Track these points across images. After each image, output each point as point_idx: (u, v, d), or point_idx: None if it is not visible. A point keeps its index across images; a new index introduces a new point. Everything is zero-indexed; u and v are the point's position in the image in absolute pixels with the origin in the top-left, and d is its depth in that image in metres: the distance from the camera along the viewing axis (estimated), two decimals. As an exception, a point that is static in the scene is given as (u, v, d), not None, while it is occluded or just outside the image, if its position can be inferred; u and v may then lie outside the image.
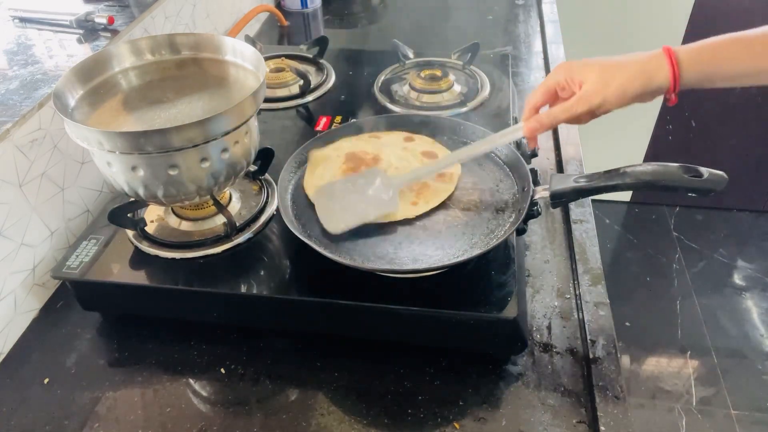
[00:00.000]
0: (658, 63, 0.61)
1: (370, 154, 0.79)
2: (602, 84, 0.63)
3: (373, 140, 0.83)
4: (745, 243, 2.30)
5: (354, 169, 0.76)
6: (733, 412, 1.72)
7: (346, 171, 0.76)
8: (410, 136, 0.84)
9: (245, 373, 0.69)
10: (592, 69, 0.64)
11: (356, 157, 0.78)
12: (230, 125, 0.65)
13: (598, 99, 0.63)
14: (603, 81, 0.63)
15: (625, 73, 0.62)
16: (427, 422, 0.63)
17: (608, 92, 0.62)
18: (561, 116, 0.66)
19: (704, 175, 0.60)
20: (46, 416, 0.66)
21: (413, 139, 0.84)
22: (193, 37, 0.78)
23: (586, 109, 0.64)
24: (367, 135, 0.84)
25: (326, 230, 0.69)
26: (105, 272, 0.71)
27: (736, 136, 2.21)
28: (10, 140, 0.72)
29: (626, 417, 0.61)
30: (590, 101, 0.63)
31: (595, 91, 0.63)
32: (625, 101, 0.63)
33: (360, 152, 0.79)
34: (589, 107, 0.64)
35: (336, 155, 0.80)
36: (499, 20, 1.49)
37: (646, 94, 0.63)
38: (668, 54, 0.61)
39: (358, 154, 0.79)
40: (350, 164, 0.77)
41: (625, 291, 2.10)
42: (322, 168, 0.78)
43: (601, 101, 0.63)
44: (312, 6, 1.57)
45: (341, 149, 0.81)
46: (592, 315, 0.71)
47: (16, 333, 0.75)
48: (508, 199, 0.74)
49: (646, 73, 0.62)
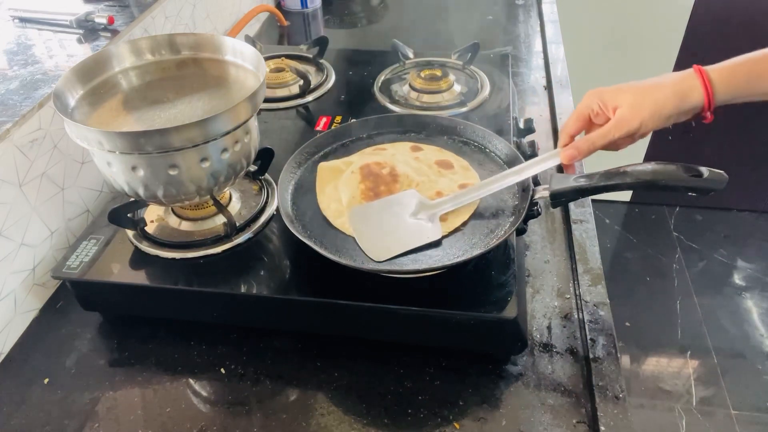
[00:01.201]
0: (690, 83, 0.62)
1: (386, 167, 0.76)
2: (637, 107, 0.63)
3: (380, 152, 0.81)
4: (745, 243, 2.30)
5: (374, 189, 0.73)
6: (733, 412, 1.72)
7: (366, 191, 0.73)
8: (417, 146, 0.82)
9: (245, 373, 0.69)
10: (625, 93, 0.64)
11: (372, 172, 0.75)
12: (230, 125, 0.65)
13: (635, 123, 0.63)
14: (637, 104, 0.63)
15: (658, 94, 0.63)
16: (427, 422, 0.63)
17: (644, 115, 0.63)
18: (599, 142, 0.66)
19: (704, 174, 0.60)
20: (46, 416, 0.65)
21: (421, 148, 0.82)
22: (193, 37, 0.78)
23: (623, 134, 0.64)
24: (370, 148, 0.82)
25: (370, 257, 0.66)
26: (105, 272, 0.71)
27: (736, 136, 2.21)
28: (10, 140, 0.72)
29: (626, 417, 0.61)
30: (628, 126, 0.63)
31: (631, 115, 0.63)
32: (662, 122, 0.64)
33: (374, 165, 0.76)
34: (627, 131, 0.64)
35: (348, 169, 0.77)
36: (499, 20, 1.49)
37: (681, 114, 0.64)
38: (700, 74, 0.62)
39: (373, 169, 0.76)
40: (369, 183, 0.74)
41: (625, 291, 2.10)
42: (334, 186, 0.75)
43: (639, 124, 0.63)
44: (312, 6, 1.57)
45: (352, 162, 0.78)
46: (592, 315, 0.71)
47: (16, 333, 0.75)
48: (508, 199, 0.74)
49: (679, 94, 0.62)
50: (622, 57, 2.05)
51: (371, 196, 0.73)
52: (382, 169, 0.76)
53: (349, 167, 0.77)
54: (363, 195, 0.73)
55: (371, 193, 0.73)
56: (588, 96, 0.67)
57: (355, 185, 0.74)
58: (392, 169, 0.76)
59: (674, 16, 1.96)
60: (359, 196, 0.73)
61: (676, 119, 0.64)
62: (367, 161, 0.77)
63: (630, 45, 2.04)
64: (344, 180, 0.76)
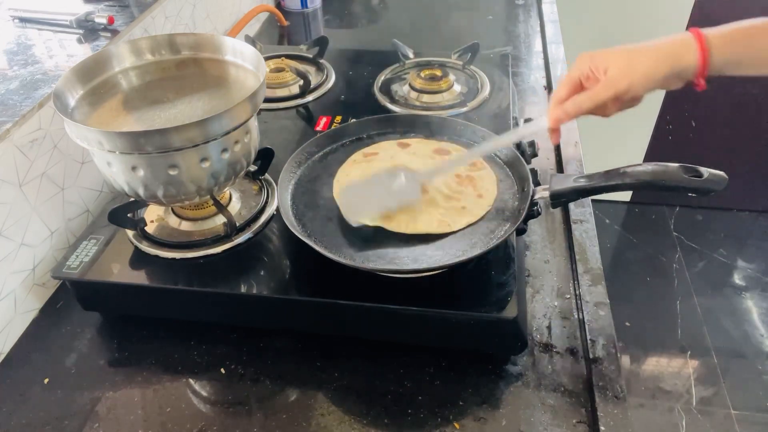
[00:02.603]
0: (686, 44, 0.60)
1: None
2: (628, 68, 0.61)
3: (372, 157, 0.81)
4: (745, 243, 2.30)
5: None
6: (733, 412, 1.72)
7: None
8: (404, 142, 0.83)
9: (245, 373, 0.69)
10: (617, 54, 0.62)
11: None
12: (230, 125, 0.65)
13: (624, 83, 0.60)
14: (629, 65, 0.61)
15: (651, 55, 0.61)
16: (427, 422, 0.63)
17: (635, 76, 0.60)
18: (586, 103, 0.63)
19: (704, 175, 0.60)
20: (46, 416, 0.65)
21: (409, 144, 0.83)
22: (193, 37, 0.78)
23: (611, 94, 0.61)
24: (360, 154, 0.82)
25: (348, 221, 0.69)
26: (105, 272, 0.71)
27: (736, 136, 2.21)
28: (10, 140, 0.72)
29: (626, 417, 0.61)
30: (616, 86, 0.61)
31: (621, 75, 0.61)
32: (652, 84, 0.61)
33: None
34: (615, 92, 0.61)
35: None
36: (499, 20, 1.49)
37: (673, 77, 0.61)
38: (697, 35, 0.60)
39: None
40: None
41: (625, 291, 2.10)
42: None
43: (628, 85, 0.61)
44: (312, 6, 1.57)
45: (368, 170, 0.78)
46: (592, 315, 0.71)
47: (16, 333, 0.75)
48: (508, 199, 0.74)
49: (673, 55, 0.60)
50: (622, 57, 2.05)
51: None
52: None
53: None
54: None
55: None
56: (579, 59, 0.64)
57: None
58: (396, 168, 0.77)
59: (674, 16, 1.96)
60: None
61: (668, 83, 0.62)
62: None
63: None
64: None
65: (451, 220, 0.70)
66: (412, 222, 0.69)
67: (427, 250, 0.67)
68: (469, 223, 0.70)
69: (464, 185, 0.75)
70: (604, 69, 0.62)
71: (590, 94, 0.63)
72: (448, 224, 0.69)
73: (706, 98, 2.12)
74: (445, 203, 0.72)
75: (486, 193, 0.74)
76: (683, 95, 2.22)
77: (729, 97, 2.11)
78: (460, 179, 0.76)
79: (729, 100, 2.11)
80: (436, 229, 0.69)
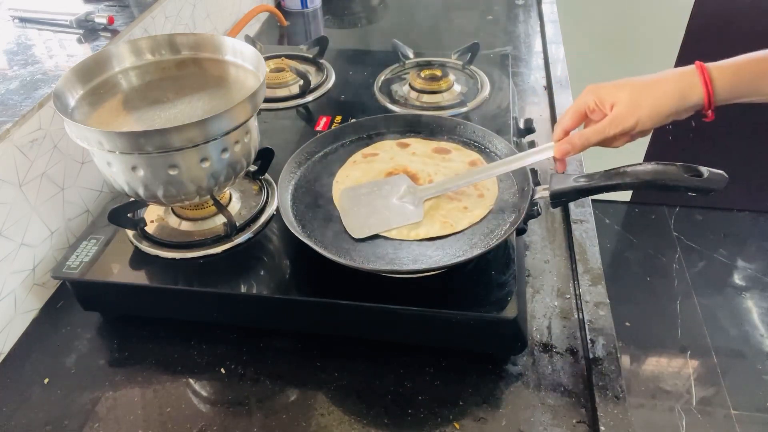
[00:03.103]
0: (691, 81, 0.60)
1: (393, 168, 0.78)
2: (634, 105, 0.61)
3: (372, 158, 0.81)
4: (745, 243, 2.30)
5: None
6: (733, 412, 1.72)
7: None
8: (403, 142, 0.84)
9: (245, 373, 0.69)
10: (623, 90, 0.63)
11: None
12: (230, 125, 0.65)
13: (632, 120, 0.62)
14: (635, 102, 0.61)
15: (657, 92, 0.61)
16: (427, 422, 0.63)
17: (642, 113, 0.61)
18: (593, 138, 0.64)
19: (704, 174, 0.60)
20: (46, 416, 0.65)
21: (408, 143, 0.83)
22: (193, 37, 0.78)
23: (619, 131, 0.63)
24: (359, 155, 0.82)
25: (349, 233, 0.69)
26: (105, 272, 0.71)
27: (736, 136, 2.21)
28: (10, 140, 0.72)
29: (626, 417, 0.61)
30: (623, 123, 0.62)
31: (627, 113, 0.62)
32: (660, 121, 0.62)
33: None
34: (623, 129, 0.62)
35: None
36: (499, 20, 1.49)
37: (680, 113, 0.62)
38: (701, 71, 0.60)
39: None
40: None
41: (625, 291, 2.10)
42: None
43: (635, 123, 0.62)
44: (312, 6, 1.57)
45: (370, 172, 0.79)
46: (592, 315, 0.71)
47: (16, 333, 0.75)
48: (508, 199, 0.74)
49: (679, 92, 0.61)
50: (622, 57, 2.05)
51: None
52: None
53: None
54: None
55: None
56: (586, 92, 0.66)
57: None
58: (396, 168, 0.77)
59: (674, 16, 1.96)
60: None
61: (676, 117, 0.63)
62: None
63: (630, 45, 2.04)
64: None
65: (454, 221, 0.70)
66: (414, 229, 0.69)
67: (427, 250, 0.67)
68: (471, 223, 0.70)
69: (469, 187, 0.75)
70: (610, 104, 0.63)
71: (598, 128, 0.63)
72: (451, 225, 0.70)
73: (706, 98, 2.12)
74: (447, 204, 0.72)
75: (487, 193, 0.74)
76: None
77: (729, 97, 2.11)
78: (442, 158, 0.78)
79: (729, 100, 2.11)
80: (439, 231, 0.69)
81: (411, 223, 0.70)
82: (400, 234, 0.69)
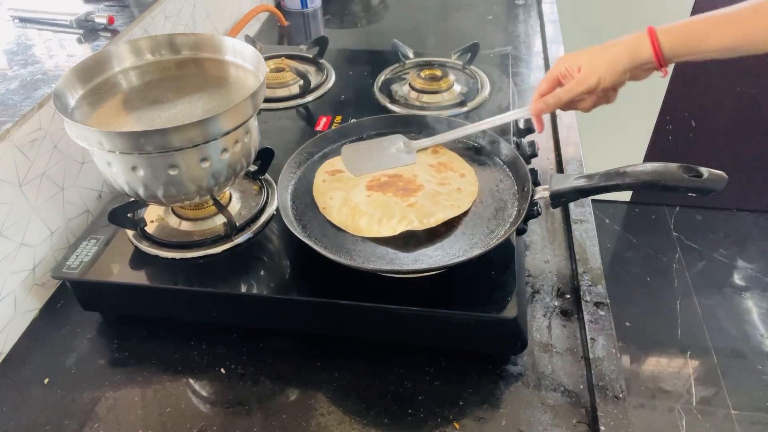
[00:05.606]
0: (641, 41, 0.69)
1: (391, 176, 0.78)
2: (594, 65, 0.71)
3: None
4: (745, 243, 2.30)
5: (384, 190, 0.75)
6: (733, 412, 1.72)
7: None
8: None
9: (245, 373, 0.69)
10: (585, 54, 0.73)
11: (379, 184, 0.76)
12: (230, 125, 0.65)
13: (594, 78, 0.71)
14: (595, 63, 0.71)
15: (613, 51, 0.71)
16: (427, 422, 0.63)
17: (601, 70, 0.70)
18: (564, 96, 0.73)
19: (704, 175, 0.60)
20: (46, 416, 0.66)
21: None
22: (193, 37, 0.78)
23: (584, 89, 0.72)
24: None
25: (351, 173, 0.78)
26: (105, 272, 0.71)
27: (736, 136, 2.21)
28: (10, 140, 0.72)
29: (626, 417, 0.61)
30: (587, 82, 0.71)
31: (590, 72, 0.71)
32: (618, 76, 0.71)
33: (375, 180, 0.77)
34: (588, 86, 0.71)
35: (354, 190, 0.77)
36: (499, 20, 1.49)
37: (636, 69, 0.71)
38: (649, 33, 0.69)
39: (378, 182, 0.77)
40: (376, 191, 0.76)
41: (625, 291, 2.10)
42: (339, 192, 0.76)
43: (597, 80, 0.71)
44: (312, 6, 1.57)
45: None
46: (592, 315, 0.71)
47: (16, 333, 0.75)
48: (508, 199, 0.74)
49: (631, 50, 0.70)
50: (622, 57, 2.05)
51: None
52: (387, 179, 0.77)
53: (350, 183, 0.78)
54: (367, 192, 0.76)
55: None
56: (558, 61, 0.76)
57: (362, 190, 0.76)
58: (395, 174, 0.78)
59: (674, 16, 1.95)
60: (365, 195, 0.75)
61: (632, 74, 0.71)
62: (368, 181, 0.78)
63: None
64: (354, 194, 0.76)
65: (458, 202, 0.72)
66: (428, 217, 0.70)
67: (427, 250, 0.67)
68: (472, 200, 0.73)
69: (444, 171, 0.78)
70: (577, 67, 0.72)
71: (566, 89, 0.73)
72: (458, 206, 0.71)
73: (706, 98, 2.12)
74: (442, 189, 0.74)
75: (466, 172, 0.78)
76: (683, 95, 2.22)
77: (729, 97, 2.11)
78: (437, 167, 0.79)
79: (729, 100, 2.11)
80: (452, 213, 0.70)
81: (405, 164, 0.78)
82: (421, 224, 0.69)
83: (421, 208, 0.71)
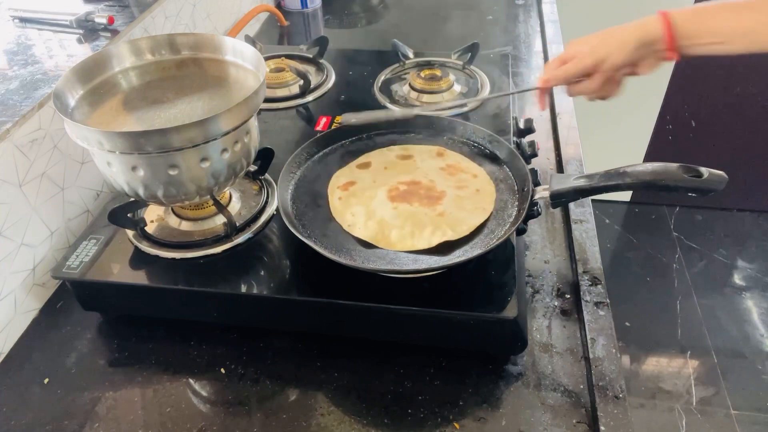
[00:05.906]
0: (653, 18, 0.71)
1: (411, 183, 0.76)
2: (605, 41, 0.73)
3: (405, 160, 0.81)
4: (745, 243, 2.30)
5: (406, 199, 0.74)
6: (733, 412, 1.72)
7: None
8: (406, 155, 0.82)
9: (245, 373, 0.69)
10: (596, 36, 0.75)
11: (400, 194, 0.75)
12: (230, 125, 0.65)
13: (603, 50, 0.72)
14: (605, 40, 0.73)
15: (624, 28, 0.73)
16: (427, 422, 0.63)
17: (611, 44, 0.72)
18: (571, 69, 0.75)
19: (704, 175, 0.60)
20: (46, 416, 0.65)
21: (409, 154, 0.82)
22: (193, 37, 0.78)
23: (592, 61, 0.73)
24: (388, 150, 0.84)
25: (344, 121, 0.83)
26: (105, 272, 0.71)
27: (736, 136, 2.21)
28: (10, 140, 0.72)
29: (626, 417, 0.61)
30: (596, 53, 0.73)
31: (600, 45, 0.73)
32: (628, 53, 0.71)
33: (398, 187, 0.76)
34: (596, 59, 0.73)
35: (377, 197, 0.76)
36: (499, 20, 1.49)
37: (646, 47, 0.71)
38: (662, 12, 0.71)
39: (399, 191, 0.75)
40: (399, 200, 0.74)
41: (625, 291, 2.10)
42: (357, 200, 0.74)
43: (606, 53, 0.72)
44: (312, 6, 1.57)
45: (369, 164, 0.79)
46: (592, 315, 0.71)
47: (16, 333, 0.75)
48: (507, 200, 0.74)
49: (642, 28, 0.71)
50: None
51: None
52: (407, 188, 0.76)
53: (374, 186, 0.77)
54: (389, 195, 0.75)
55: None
56: (568, 45, 0.78)
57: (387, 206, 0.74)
58: (413, 182, 0.76)
59: (674, 16, 1.96)
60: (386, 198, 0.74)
61: (640, 53, 0.72)
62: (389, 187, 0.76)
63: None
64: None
65: (482, 204, 0.72)
66: (460, 225, 0.69)
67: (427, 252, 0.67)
68: (494, 200, 0.73)
69: (456, 173, 0.77)
70: (588, 47, 0.74)
71: (576, 61, 0.75)
72: (484, 208, 0.71)
73: (706, 98, 2.12)
74: (463, 192, 0.74)
75: (477, 171, 0.78)
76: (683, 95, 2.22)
77: (729, 97, 2.11)
78: (447, 169, 0.78)
79: (729, 100, 2.11)
80: (481, 217, 0.70)
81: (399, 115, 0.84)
82: (455, 233, 0.68)
83: (451, 216, 0.70)
